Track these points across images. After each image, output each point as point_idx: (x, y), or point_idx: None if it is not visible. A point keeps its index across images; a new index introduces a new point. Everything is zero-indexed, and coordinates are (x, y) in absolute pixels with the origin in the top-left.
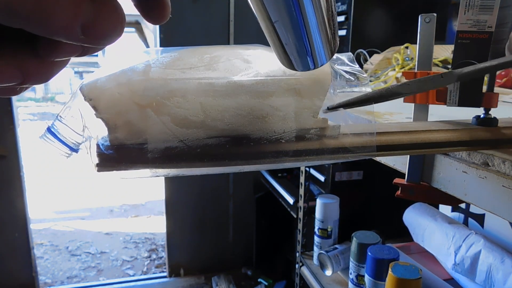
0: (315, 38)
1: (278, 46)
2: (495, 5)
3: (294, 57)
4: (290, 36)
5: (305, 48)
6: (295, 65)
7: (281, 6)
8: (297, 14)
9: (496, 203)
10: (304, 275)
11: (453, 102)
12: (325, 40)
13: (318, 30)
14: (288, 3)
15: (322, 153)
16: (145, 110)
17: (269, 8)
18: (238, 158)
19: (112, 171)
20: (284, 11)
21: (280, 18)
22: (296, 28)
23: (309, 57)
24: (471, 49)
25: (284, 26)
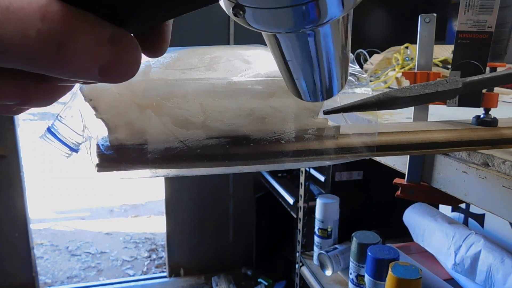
0: (327, 78)
1: (289, 80)
2: (495, 5)
3: (303, 91)
4: (303, 75)
5: (315, 86)
6: (303, 97)
7: (297, 50)
8: (313, 58)
9: (496, 203)
10: (304, 275)
11: (453, 102)
12: (338, 77)
13: (331, 71)
14: (305, 52)
15: (322, 153)
16: (145, 110)
17: (285, 50)
18: (238, 159)
19: (112, 171)
20: (300, 55)
21: (294, 58)
22: (309, 71)
23: (319, 92)
24: (471, 49)
25: (298, 67)
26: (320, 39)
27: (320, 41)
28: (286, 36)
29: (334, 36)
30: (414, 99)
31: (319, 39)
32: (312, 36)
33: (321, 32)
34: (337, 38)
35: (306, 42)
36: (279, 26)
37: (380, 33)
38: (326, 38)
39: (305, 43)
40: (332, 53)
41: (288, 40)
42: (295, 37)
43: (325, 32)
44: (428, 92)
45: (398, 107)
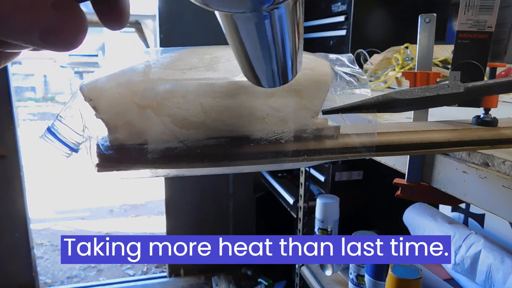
0: (283, 62)
1: (245, 65)
2: (495, 5)
3: (260, 76)
4: (259, 59)
5: (272, 70)
6: (261, 82)
7: (253, 32)
8: (269, 41)
9: (496, 203)
10: (304, 275)
11: None
12: (293, 61)
13: (286, 55)
14: (262, 35)
15: (322, 153)
16: (145, 110)
17: (241, 32)
18: (238, 159)
19: (112, 171)
20: (256, 37)
21: (251, 41)
22: (265, 55)
23: (276, 77)
24: (471, 49)
25: (254, 50)
26: (276, 21)
27: (275, 23)
28: (242, 17)
29: (289, 19)
30: (414, 101)
31: (274, 21)
32: (268, 17)
33: (276, 14)
34: (292, 22)
35: (263, 24)
36: (235, 6)
37: (380, 33)
38: (281, 21)
39: (261, 25)
40: (287, 36)
41: (244, 22)
42: (252, 18)
43: (280, 14)
44: (428, 96)
45: (398, 110)
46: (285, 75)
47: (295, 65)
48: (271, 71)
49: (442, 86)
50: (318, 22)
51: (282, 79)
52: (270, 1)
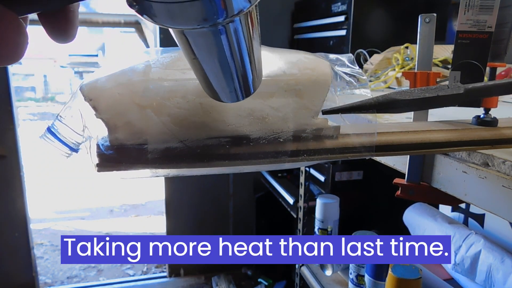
0: (242, 76)
1: (204, 81)
2: (495, 5)
3: (220, 92)
4: (217, 75)
5: (232, 85)
6: (222, 98)
7: (205, 48)
8: (227, 56)
9: (496, 203)
10: (304, 275)
11: None
12: (254, 73)
13: (246, 68)
14: (217, 50)
15: (322, 153)
16: (145, 110)
17: (194, 48)
18: (238, 159)
19: (112, 171)
20: (210, 53)
21: (205, 57)
22: (224, 70)
23: (239, 91)
24: (471, 49)
25: (211, 66)
26: (232, 35)
27: (232, 36)
28: (194, 33)
29: (245, 31)
30: (414, 102)
31: (230, 34)
32: (224, 31)
33: (231, 27)
34: (248, 33)
35: (218, 38)
36: (185, 22)
37: (380, 33)
38: (238, 33)
39: (216, 40)
40: (244, 49)
41: (197, 38)
42: (204, 33)
43: (235, 27)
44: (428, 96)
45: (398, 111)
46: (247, 88)
47: (256, 76)
48: (232, 87)
49: (442, 87)
50: (318, 22)
51: (244, 93)
52: (219, 16)
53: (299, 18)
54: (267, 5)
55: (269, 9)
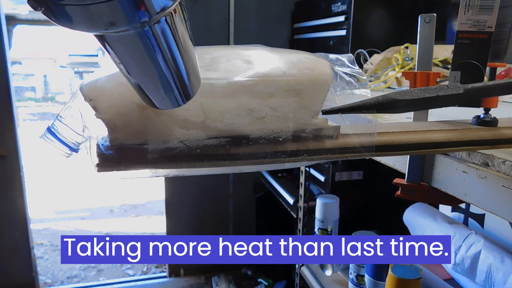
0: (178, 79)
1: (137, 88)
2: (495, 5)
3: (156, 98)
4: (150, 80)
5: (169, 89)
6: (158, 104)
7: (129, 52)
8: (157, 59)
9: (496, 203)
10: (304, 275)
11: None
12: (190, 76)
13: (180, 71)
14: (142, 54)
15: (321, 153)
16: (145, 110)
17: (117, 52)
18: (237, 158)
19: (112, 171)
20: (134, 57)
21: (131, 62)
22: (156, 74)
23: (178, 95)
24: (471, 49)
25: (142, 71)
26: (159, 36)
27: (160, 38)
28: (117, 37)
29: (173, 31)
30: (414, 102)
31: (158, 36)
32: (150, 34)
33: (157, 28)
34: (177, 33)
35: (146, 41)
36: (104, 25)
37: (380, 33)
38: (166, 34)
39: (143, 43)
40: (176, 50)
41: (121, 41)
42: (129, 36)
43: (162, 28)
44: (428, 97)
45: (397, 111)
46: (186, 92)
47: (193, 78)
48: (169, 92)
49: (441, 87)
50: (318, 22)
51: (184, 97)
52: (141, 16)
53: (299, 18)
54: (267, 5)
55: (269, 9)
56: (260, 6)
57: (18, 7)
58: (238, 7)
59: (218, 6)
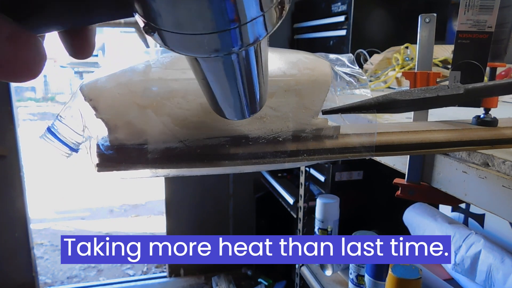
0: (250, 97)
1: (212, 101)
2: (495, 5)
3: (228, 111)
4: (227, 97)
5: (240, 105)
6: (228, 116)
7: (218, 73)
8: (237, 80)
9: (496, 203)
10: (304, 275)
11: None
12: (261, 94)
13: (254, 90)
14: (229, 74)
15: (321, 153)
16: (145, 110)
17: (206, 73)
18: (237, 158)
19: (112, 171)
20: (223, 77)
21: (217, 81)
22: (234, 92)
23: (246, 110)
24: (471, 49)
25: (222, 89)
26: (243, 60)
27: (243, 62)
28: (207, 59)
29: (257, 55)
30: (414, 102)
31: (242, 60)
32: (236, 58)
33: (243, 54)
34: (260, 57)
35: (229, 64)
36: (200, 51)
37: (380, 33)
38: (250, 59)
39: (227, 65)
40: (255, 72)
41: (209, 63)
42: (218, 61)
43: (249, 53)
44: (428, 97)
45: (397, 111)
46: (254, 108)
47: (263, 95)
48: (238, 107)
49: (442, 88)
50: (318, 22)
51: (251, 111)
52: (234, 46)
53: (299, 18)
54: None
55: None
56: None
57: None
58: None
59: None
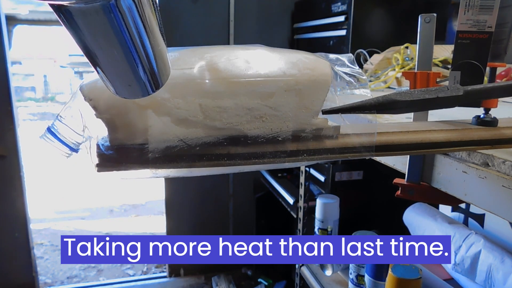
0: (147, 64)
1: (101, 73)
2: (495, 5)
3: (123, 85)
4: (116, 64)
5: (135, 75)
6: (123, 93)
7: (97, 28)
8: (125, 37)
9: (496, 203)
10: (304, 275)
11: None
12: (159, 63)
13: (148, 55)
14: (111, 30)
15: (321, 153)
16: (145, 110)
17: (84, 30)
18: (237, 157)
19: (112, 171)
20: (102, 34)
21: (96, 41)
22: (122, 55)
23: (146, 82)
24: (471, 49)
25: (105, 52)
26: (126, 12)
27: (126, 15)
28: (82, 10)
29: (140, 11)
30: (414, 104)
31: (124, 12)
32: (115, 8)
33: (123, 4)
34: (144, 12)
35: (111, 17)
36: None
37: (380, 33)
38: (132, 12)
39: (109, 19)
40: (142, 31)
41: (86, 17)
42: (95, 10)
43: (128, 4)
44: (428, 98)
45: (397, 112)
46: (155, 79)
47: (161, 66)
48: (137, 76)
49: (442, 89)
50: (318, 22)
51: (153, 85)
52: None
53: (299, 18)
54: (267, 5)
55: (269, 9)
56: (260, 6)
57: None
58: (238, 7)
59: (218, 6)
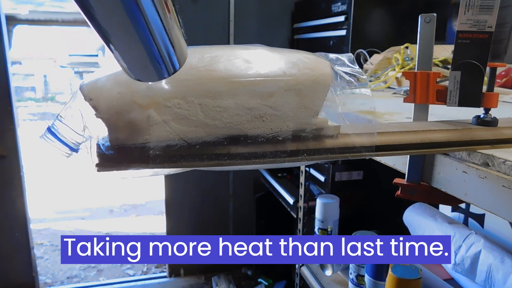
0: (162, 45)
1: (118, 53)
2: (495, 5)
3: (140, 65)
4: (133, 44)
5: (151, 55)
6: (141, 76)
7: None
8: (141, 15)
9: (496, 203)
10: (304, 275)
11: (453, 102)
12: (175, 44)
13: (162, 36)
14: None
15: (321, 153)
16: (146, 110)
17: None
18: (237, 157)
19: (112, 171)
20: (121, 13)
21: (115, 22)
22: (138, 35)
23: (160, 64)
24: (471, 49)
25: (123, 32)
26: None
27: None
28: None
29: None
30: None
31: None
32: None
33: None
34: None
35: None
36: None
37: (380, 33)
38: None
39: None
40: (156, 13)
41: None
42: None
43: None
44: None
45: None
46: (172, 61)
47: (178, 48)
48: (152, 58)
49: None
50: (318, 22)
51: (170, 67)
52: None
53: (299, 18)
54: (267, 5)
55: (269, 9)
56: (260, 6)
57: (18, 7)
58: (238, 7)
59: (218, 6)
